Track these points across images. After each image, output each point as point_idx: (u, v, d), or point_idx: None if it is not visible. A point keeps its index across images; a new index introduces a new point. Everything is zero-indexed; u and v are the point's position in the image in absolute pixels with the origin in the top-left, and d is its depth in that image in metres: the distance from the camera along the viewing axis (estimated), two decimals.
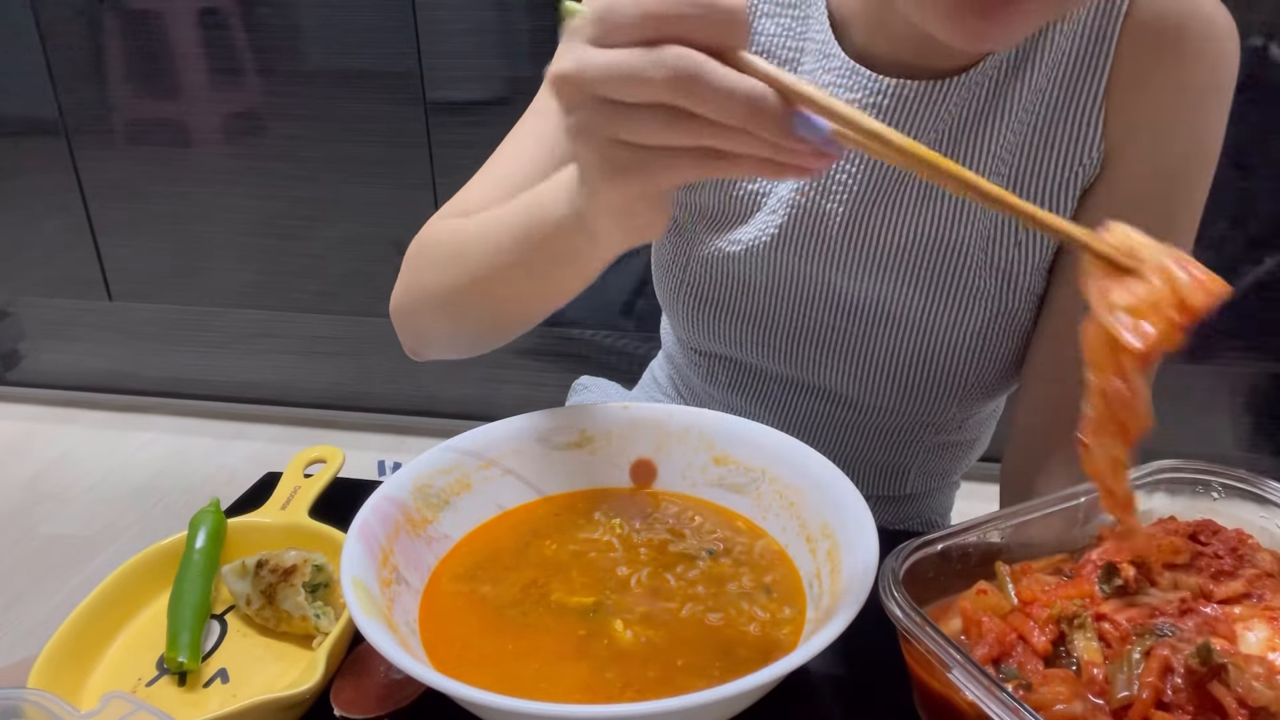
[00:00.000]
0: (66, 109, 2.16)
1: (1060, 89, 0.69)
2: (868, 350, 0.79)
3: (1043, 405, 0.75)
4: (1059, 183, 0.70)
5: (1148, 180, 0.69)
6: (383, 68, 1.99)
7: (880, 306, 0.76)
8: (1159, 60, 0.66)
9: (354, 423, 2.37)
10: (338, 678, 0.57)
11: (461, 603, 0.59)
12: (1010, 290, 0.74)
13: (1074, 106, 0.69)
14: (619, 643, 0.55)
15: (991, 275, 0.73)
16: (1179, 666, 0.46)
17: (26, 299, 2.42)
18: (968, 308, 0.74)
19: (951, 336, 0.76)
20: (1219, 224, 1.76)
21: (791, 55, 0.75)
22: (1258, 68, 1.65)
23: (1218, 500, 0.60)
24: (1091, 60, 0.67)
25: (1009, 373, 0.78)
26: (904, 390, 0.79)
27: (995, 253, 0.72)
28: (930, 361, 0.77)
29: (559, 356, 2.20)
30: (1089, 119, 0.68)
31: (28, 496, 2.17)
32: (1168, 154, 0.68)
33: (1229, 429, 1.96)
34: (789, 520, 0.63)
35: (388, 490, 0.61)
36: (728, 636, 0.56)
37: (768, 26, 0.75)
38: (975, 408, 0.82)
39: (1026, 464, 0.76)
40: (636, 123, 0.43)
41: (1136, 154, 0.68)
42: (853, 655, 0.51)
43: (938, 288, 0.74)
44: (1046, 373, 0.74)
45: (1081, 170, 0.70)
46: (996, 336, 0.76)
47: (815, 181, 0.74)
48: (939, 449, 0.86)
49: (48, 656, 0.57)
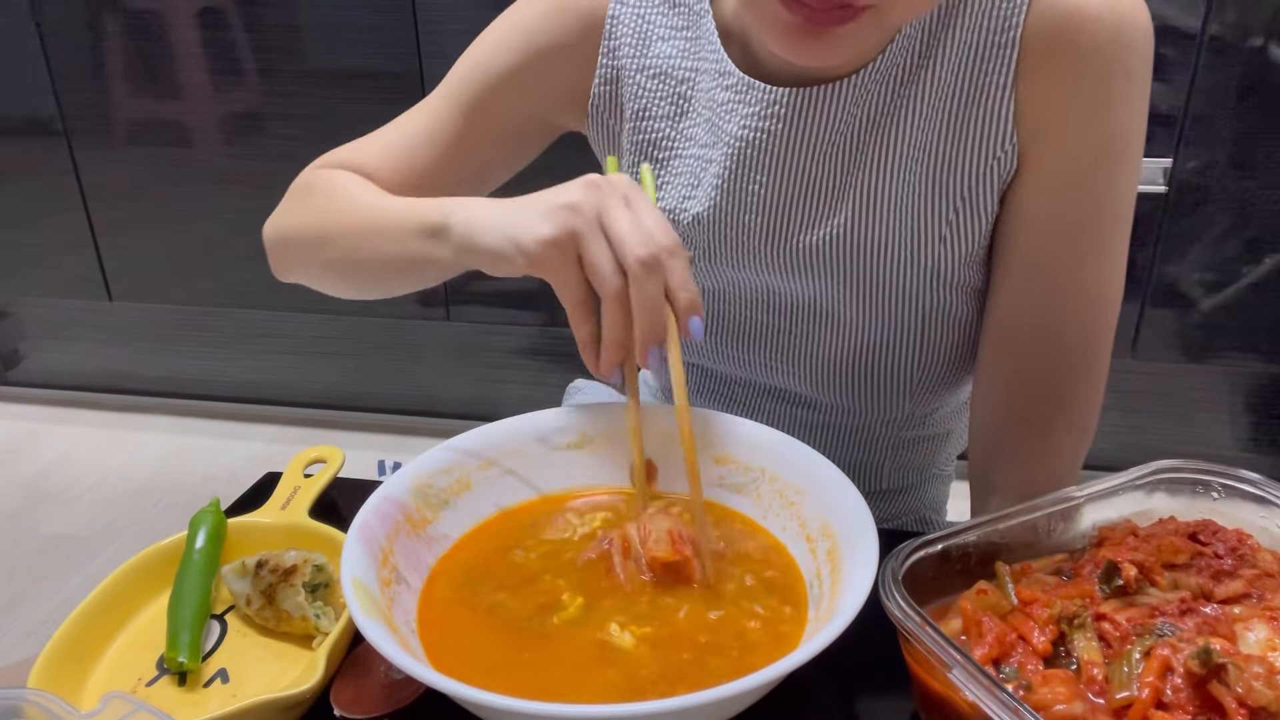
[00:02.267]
0: (66, 109, 2.16)
1: (968, 80, 0.68)
2: (810, 349, 0.79)
3: (993, 397, 0.75)
4: (975, 177, 0.70)
5: (1065, 175, 0.68)
6: (383, 68, 1.99)
7: (816, 305, 0.77)
8: (1061, 49, 0.66)
9: (354, 423, 2.37)
10: (338, 678, 0.57)
11: (461, 603, 0.59)
12: (940, 287, 0.74)
13: (982, 98, 0.68)
14: (619, 643, 0.55)
15: (918, 273, 0.73)
16: (1179, 666, 0.46)
17: (26, 299, 2.42)
18: (899, 305, 0.75)
19: (888, 334, 0.76)
20: (1219, 224, 1.76)
21: (689, 75, 0.76)
22: (1258, 68, 1.65)
23: (1218, 500, 0.60)
24: (997, 51, 0.67)
25: (959, 367, 0.79)
26: (852, 388, 0.80)
27: (919, 251, 0.72)
28: (871, 359, 0.78)
29: (559, 356, 2.20)
30: (999, 110, 0.68)
31: (28, 496, 2.17)
32: (1082, 146, 0.68)
33: (1229, 429, 1.96)
34: (789, 520, 0.63)
35: (388, 490, 0.61)
36: (727, 637, 0.56)
37: (665, 50, 0.76)
38: (933, 402, 0.82)
39: (984, 457, 0.77)
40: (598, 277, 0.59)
41: (1050, 147, 0.68)
42: (853, 655, 0.51)
43: (866, 287, 0.74)
44: (994, 366, 0.75)
45: (997, 164, 0.69)
46: (935, 332, 0.76)
47: (731, 195, 0.74)
48: (909, 443, 0.86)
49: (48, 656, 0.57)
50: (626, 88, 0.78)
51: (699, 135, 0.76)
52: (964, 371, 0.80)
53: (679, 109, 0.77)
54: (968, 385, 0.83)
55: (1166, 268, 1.81)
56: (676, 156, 0.78)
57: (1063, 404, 0.73)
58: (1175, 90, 1.68)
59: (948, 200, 0.71)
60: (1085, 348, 0.72)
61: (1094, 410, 0.75)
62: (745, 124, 0.73)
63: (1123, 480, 0.60)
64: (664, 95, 0.77)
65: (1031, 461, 0.74)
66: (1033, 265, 0.71)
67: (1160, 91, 1.69)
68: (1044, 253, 0.70)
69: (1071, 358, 0.72)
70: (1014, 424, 0.74)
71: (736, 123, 0.73)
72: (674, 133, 0.78)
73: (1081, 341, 0.72)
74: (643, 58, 0.77)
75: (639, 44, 0.77)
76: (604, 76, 0.78)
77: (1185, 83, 1.67)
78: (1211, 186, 1.73)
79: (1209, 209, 1.75)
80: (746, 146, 0.73)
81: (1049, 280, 0.71)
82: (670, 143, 0.78)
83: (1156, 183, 1.74)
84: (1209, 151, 1.71)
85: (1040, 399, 0.73)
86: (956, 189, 0.70)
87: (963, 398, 0.86)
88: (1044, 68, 0.66)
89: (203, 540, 0.65)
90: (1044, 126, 0.68)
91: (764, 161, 0.73)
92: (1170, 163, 1.72)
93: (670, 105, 0.77)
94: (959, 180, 0.70)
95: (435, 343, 2.23)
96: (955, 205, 0.71)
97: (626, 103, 0.78)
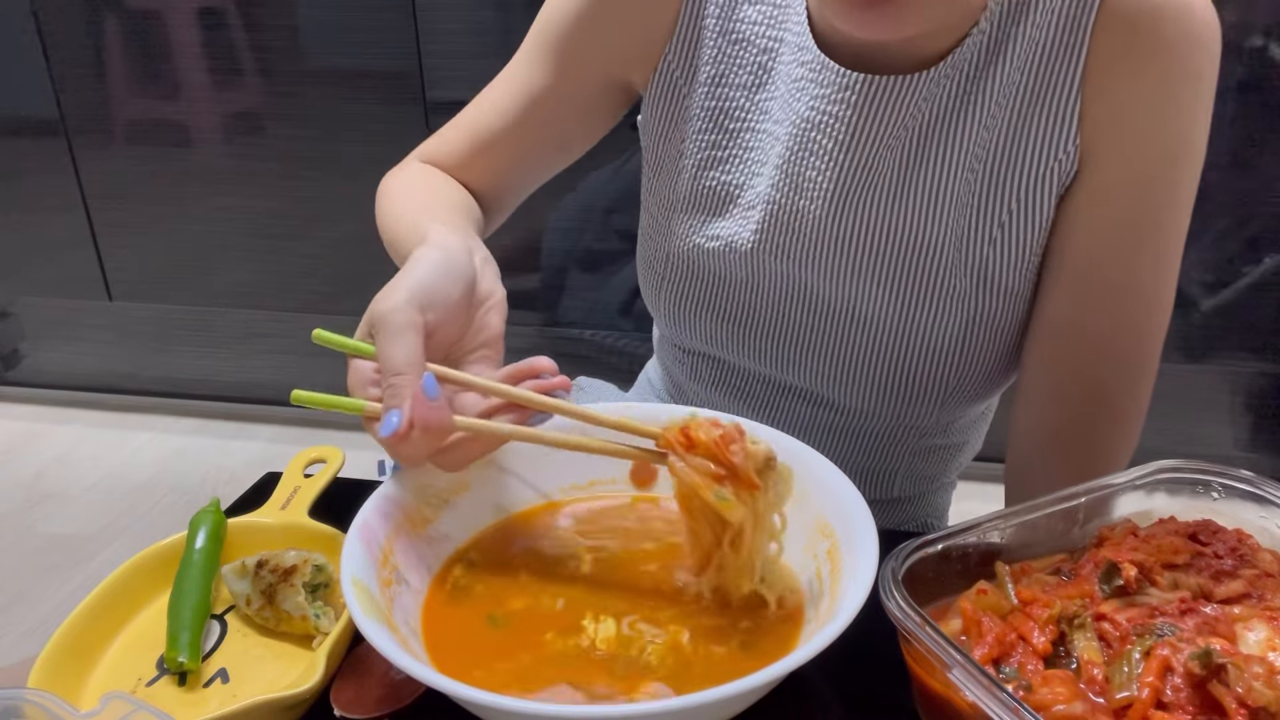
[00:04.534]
0: (66, 109, 2.16)
1: (1035, 79, 0.67)
2: (845, 352, 0.78)
3: (1039, 405, 0.74)
4: (1034, 179, 0.69)
5: (1128, 180, 0.67)
6: (383, 68, 1.99)
7: (856, 309, 0.75)
8: (1133, 48, 0.64)
9: (354, 423, 2.35)
10: (338, 678, 0.57)
11: (461, 603, 0.59)
12: (987, 292, 0.72)
13: (1049, 97, 0.67)
14: (619, 643, 0.55)
15: (967, 276, 0.72)
16: (1179, 666, 0.46)
17: (26, 299, 2.42)
18: (944, 310, 0.73)
19: (929, 340, 0.75)
20: (1219, 224, 1.76)
21: (770, 44, 0.74)
22: (1258, 68, 1.65)
23: (1218, 500, 0.60)
24: (1066, 50, 0.66)
25: (993, 377, 0.77)
26: (883, 394, 0.78)
27: (969, 252, 0.71)
28: (908, 365, 0.76)
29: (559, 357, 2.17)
30: (1065, 110, 0.67)
31: (28, 496, 2.17)
32: (1146, 149, 0.67)
33: (1229, 429, 1.96)
34: (789, 520, 0.63)
35: (388, 490, 0.61)
36: (727, 637, 0.56)
37: (749, 13, 0.74)
38: (959, 411, 0.81)
39: (1025, 465, 0.76)
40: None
41: (1114, 150, 0.67)
42: (853, 655, 0.51)
43: (912, 290, 0.73)
44: (1042, 374, 0.73)
45: (1058, 166, 0.68)
46: (976, 340, 0.74)
47: (790, 179, 0.73)
48: (926, 452, 0.85)
49: (48, 656, 0.57)
50: (706, 49, 0.75)
51: (773, 110, 0.74)
52: (996, 382, 0.78)
53: (758, 79, 0.74)
54: (990, 397, 0.82)
55: None
56: (749, 129, 0.75)
57: (1112, 412, 0.72)
58: None
59: (1003, 201, 0.69)
60: (1137, 355, 0.71)
61: (1142, 416, 0.73)
62: (814, 105, 0.71)
63: (1123, 480, 0.60)
64: (744, 63, 0.74)
65: (1078, 470, 0.72)
66: (1088, 272, 0.69)
67: None
68: (1100, 259, 0.69)
69: (1123, 366, 0.71)
70: (1060, 432, 0.73)
71: (805, 102, 0.71)
72: (749, 104, 0.75)
73: (1134, 349, 0.70)
74: (728, 20, 0.74)
75: (727, 3, 0.74)
76: (683, 35, 0.75)
77: None
78: (1211, 186, 1.73)
79: (1209, 209, 1.75)
80: (811, 129, 0.71)
81: (1104, 287, 0.69)
82: (744, 113, 0.75)
83: None
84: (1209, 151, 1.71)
85: (1090, 407, 0.72)
86: (1014, 190, 0.69)
87: (982, 408, 0.85)
88: (1114, 68, 0.65)
89: (203, 540, 0.65)
90: (1108, 128, 0.66)
91: (826, 147, 0.71)
92: None
93: (749, 75, 0.74)
94: (1018, 181, 0.69)
95: None
96: (1010, 207, 0.69)
97: (703, 65, 0.76)
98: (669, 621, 0.57)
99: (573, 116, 0.82)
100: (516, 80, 0.81)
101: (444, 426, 0.55)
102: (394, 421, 0.54)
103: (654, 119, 0.80)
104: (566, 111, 0.81)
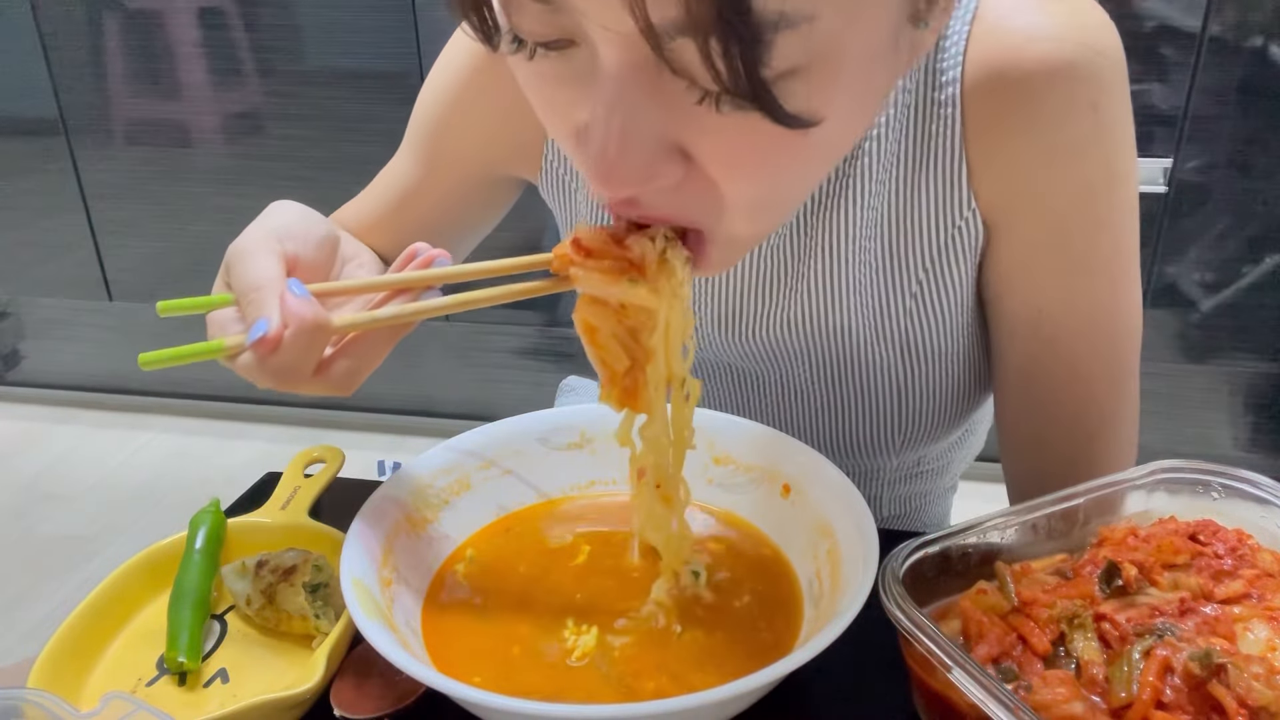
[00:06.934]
0: (66, 109, 2.16)
1: (913, 146, 0.63)
2: (782, 422, 0.78)
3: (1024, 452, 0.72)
4: (938, 246, 0.66)
5: (1046, 228, 0.63)
6: (383, 68, 1.99)
7: (787, 384, 0.75)
8: (1006, 110, 0.60)
9: (354, 423, 2.37)
10: (338, 678, 0.57)
11: (461, 604, 0.59)
12: (914, 359, 0.71)
13: (931, 163, 0.63)
14: (618, 643, 0.55)
15: (890, 348, 0.70)
16: (1179, 667, 0.46)
17: (26, 299, 2.42)
18: (871, 380, 0.72)
19: (864, 406, 0.74)
20: (1219, 224, 1.76)
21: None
22: (1258, 68, 1.65)
23: (1218, 500, 0.60)
24: (937, 110, 0.62)
25: (947, 423, 0.75)
26: (831, 451, 0.78)
27: (886, 326, 0.69)
28: (846, 430, 0.76)
29: (559, 356, 2.20)
30: (950, 175, 0.63)
31: (28, 496, 2.17)
32: (1055, 198, 0.62)
33: (1229, 429, 1.96)
34: (789, 520, 0.63)
35: (388, 490, 0.61)
36: (727, 636, 0.56)
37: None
38: (922, 451, 0.79)
39: (1021, 471, 0.74)
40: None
41: (1022, 206, 0.63)
42: (853, 655, 0.51)
43: (833, 366, 0.72)
44: (1020, 427, 0.71)
45: (959, 233, 0.65)
46: (913, 403, 0.73)
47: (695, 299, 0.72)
48: (902, 480, 0.83)
49: (48, 656, 0.57)
50: None
51: None
52: (954, 425, 0.76)
53: None
54: (954, 433, 0.79)
55: (1166, 268, 1.81)
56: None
57: (1099, 438, 0.70)
58: (1175, 90, 1.68)
59: (910, 272, 0.67)
60: (1112, 381, 0.68)
61: (1133, 431, 0.71)
62: None
63: (1123, 480, 0.60)
64: None
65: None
66: (1037, 321, 0.66)
67: (1160, 91, 1.69)
68: (1045, 308, 0.66)
69: (1100, 394, 0.68)
70: (1052, 475, 0.70)
71: None
72: None
73: (1107, 375, 0.67)
74: None
75: None
76: None
77: (1185, 83, 1.67)
78: (1211, 186, 1.74)
79: (1209, 209, 1.75)
80: None
81: (1056, 331, 0.66)
82: None
83: (1156, 183, 1.74)
84: (1209, 151, 1.71)
85: (1075, 447, 0.69)
86: (918, 259, 0.67)
87: (952, 438, 0.83)
88: (995, 130, 0.61)
89: (203, 540, 0.65)
90: (1008, 186, 0.62)
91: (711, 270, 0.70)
92: (1170, 163, 1.72)
93: None
94: (920, 250, 0.66)
95: (435, 343, 2.23)
96: (918, 276, 0.67)
97: None
98: (670, 620, 0.57)
99: (455, 210, 0.79)
100: (394, 171, 0.79)
101: (319, 323, 0.49)
102: (262, 326, 0.48)
103: (554, 211, 0.79)
104: (446, 207, 0.79)
